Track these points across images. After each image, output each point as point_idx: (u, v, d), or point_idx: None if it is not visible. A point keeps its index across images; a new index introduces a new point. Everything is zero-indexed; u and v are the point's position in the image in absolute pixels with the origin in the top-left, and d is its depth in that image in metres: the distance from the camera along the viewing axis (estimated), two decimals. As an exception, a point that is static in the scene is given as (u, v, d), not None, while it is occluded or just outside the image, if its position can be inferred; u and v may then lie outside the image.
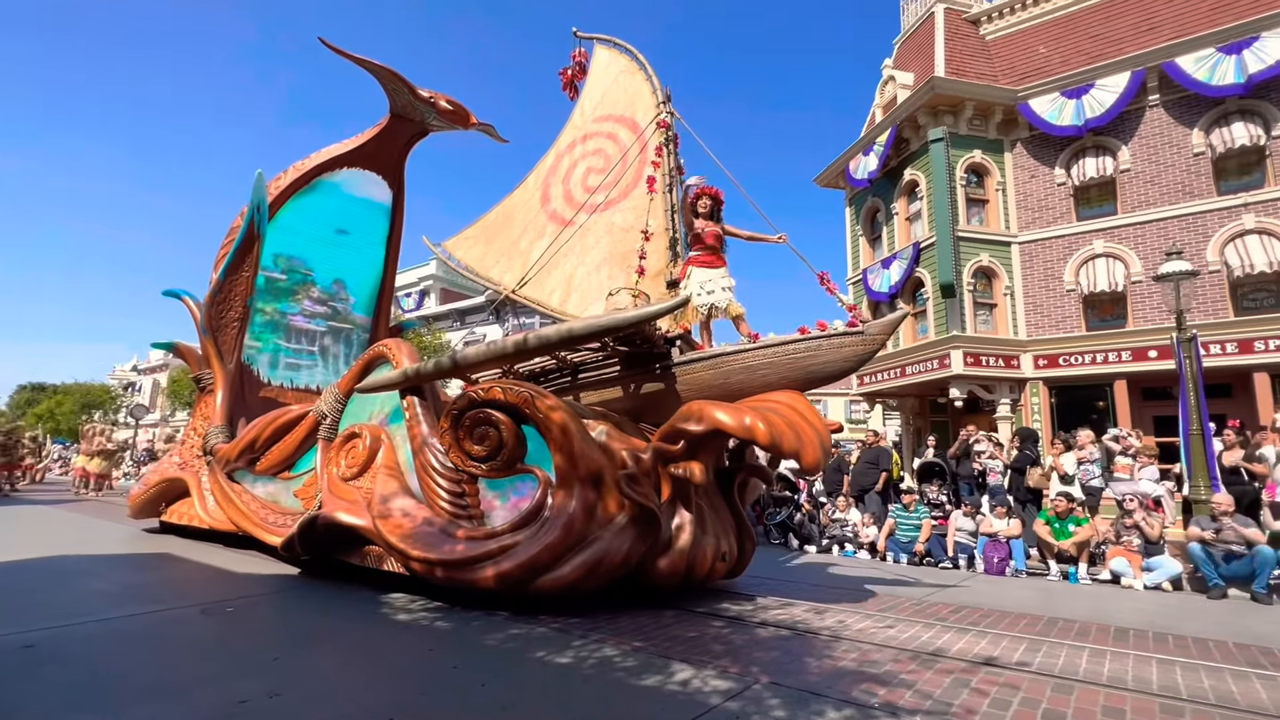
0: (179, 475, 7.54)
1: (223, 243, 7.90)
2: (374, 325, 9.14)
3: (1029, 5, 16.58)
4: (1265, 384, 12.19)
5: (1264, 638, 4.66)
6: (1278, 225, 12.35)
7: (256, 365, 8.23)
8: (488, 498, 4.85)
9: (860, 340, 4.65)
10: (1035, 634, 4.44)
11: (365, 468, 5.45)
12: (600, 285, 6.24)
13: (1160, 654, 4.01)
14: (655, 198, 6.00)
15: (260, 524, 6.23)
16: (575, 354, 5.49)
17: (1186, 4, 14.24)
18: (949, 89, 14.75)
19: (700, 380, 4.99)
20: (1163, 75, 13.50)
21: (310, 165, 8.21)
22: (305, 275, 8.54)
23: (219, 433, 7.34)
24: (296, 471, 6.49)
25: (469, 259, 7.55)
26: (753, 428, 4.19)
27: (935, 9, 16.86)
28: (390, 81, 7.77)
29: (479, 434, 4.73)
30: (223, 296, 7.58)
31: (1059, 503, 8.41)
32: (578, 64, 7.42)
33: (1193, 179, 13.30)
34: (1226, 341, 12.44)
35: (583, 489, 4.40)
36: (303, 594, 5.22)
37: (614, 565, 4.44)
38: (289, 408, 7.01)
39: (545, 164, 7.35)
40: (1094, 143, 14.36)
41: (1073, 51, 15.25)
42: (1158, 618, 5.36)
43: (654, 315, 4.63)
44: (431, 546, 4.60)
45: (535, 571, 4.32)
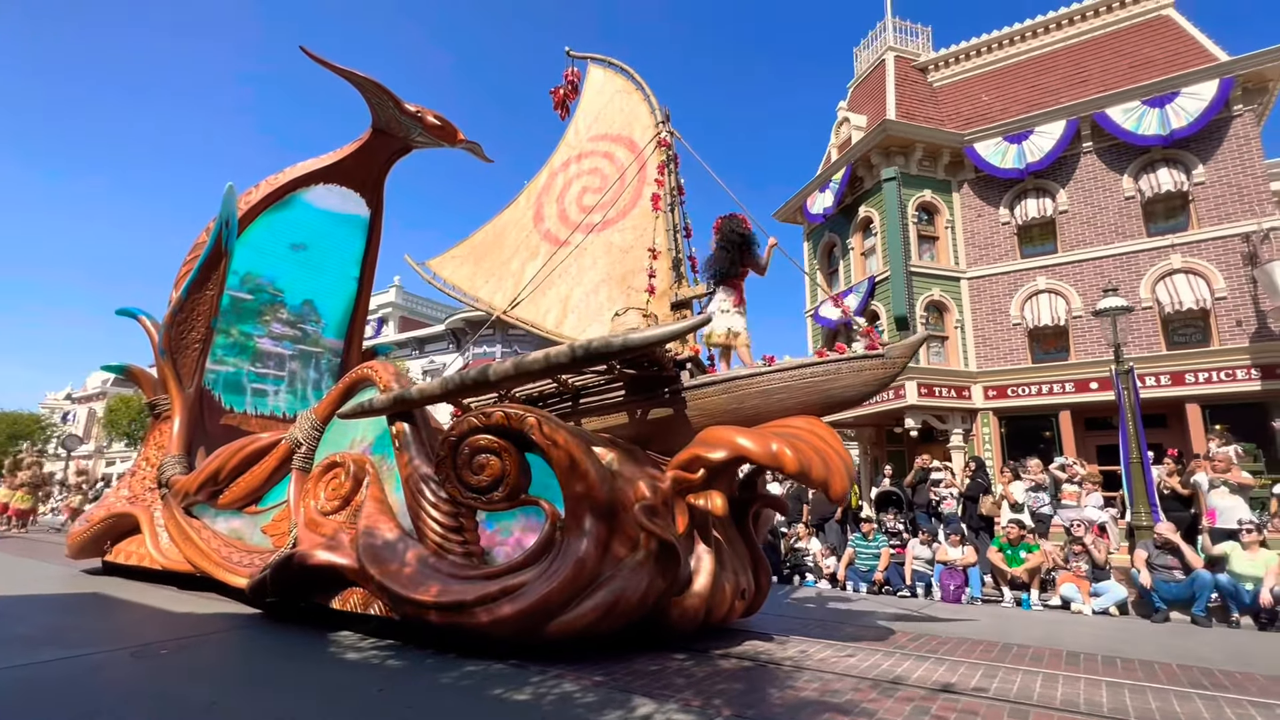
0: (128, 510, 6.85)
1: (185, 259, 7.34)
2: (346, 349, 8.62)
3: (972, 56, 17.57)
4: (1196, 414, 12.81)
5: (1205, 659, 4.80)
6: (1202, 265, 13.15)
7: (218, 390, 7.61)
8: (488, 533, 4.46)
9: (881, 364, 4.47)
10: (991, 660, 4.49)
11: (348, 501, 4.97)
12: (599, 306, 5.99)
13: (1110, 677, 4.09)
14: (660, 216, 5.84)
15: (222, 563, 5.64)
16: (577, 378, 5.19)
17: (1113, 60, 15.28)
18: (900, 131, 15.39)
19: (712, 405, 4.72)
20: (1094, 124, 14.35)
21: (284, 180, 7.73)
22: (274, 295, 7.98)
23: (176, 463, 6.71)
24: (265, 505, 5.95)
25: (456, 279, 7.16)
26: (779, 455, 3.92)
27: (886, 56, 17.68)
28: (374, 94, 7.36)
29: (479, 463, 4.28)
30: (184, 316, 7.00)
31: (1011, 530, 8.59)
32: (570, 83, 7.26)
33: (1125, 221, 14.10)
34: (1160, 374, 13.07)
35: (596, 522, 3.99)
36: (247, 635, 4.79)
37: (631, 606, 4.01)
38: (257, 436, 6.43)
39: (538, 182, 7.13)
40: (1034, 185, 15.11)
41: (1012, 100, 16.15)
42: (1106, 642, 5.48)
43: (680, 333, 4.35)
44: (427, 588, 4.13)
45: (547, 614, 3.88)
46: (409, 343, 27.93)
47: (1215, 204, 13.25)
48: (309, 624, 4.96)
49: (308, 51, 6.86)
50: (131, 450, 35.23)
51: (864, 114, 17.15)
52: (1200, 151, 13.49)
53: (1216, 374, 12.72)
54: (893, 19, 18.13)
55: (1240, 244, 12.81)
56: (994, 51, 17.24)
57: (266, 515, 5.83)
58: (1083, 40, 16.09)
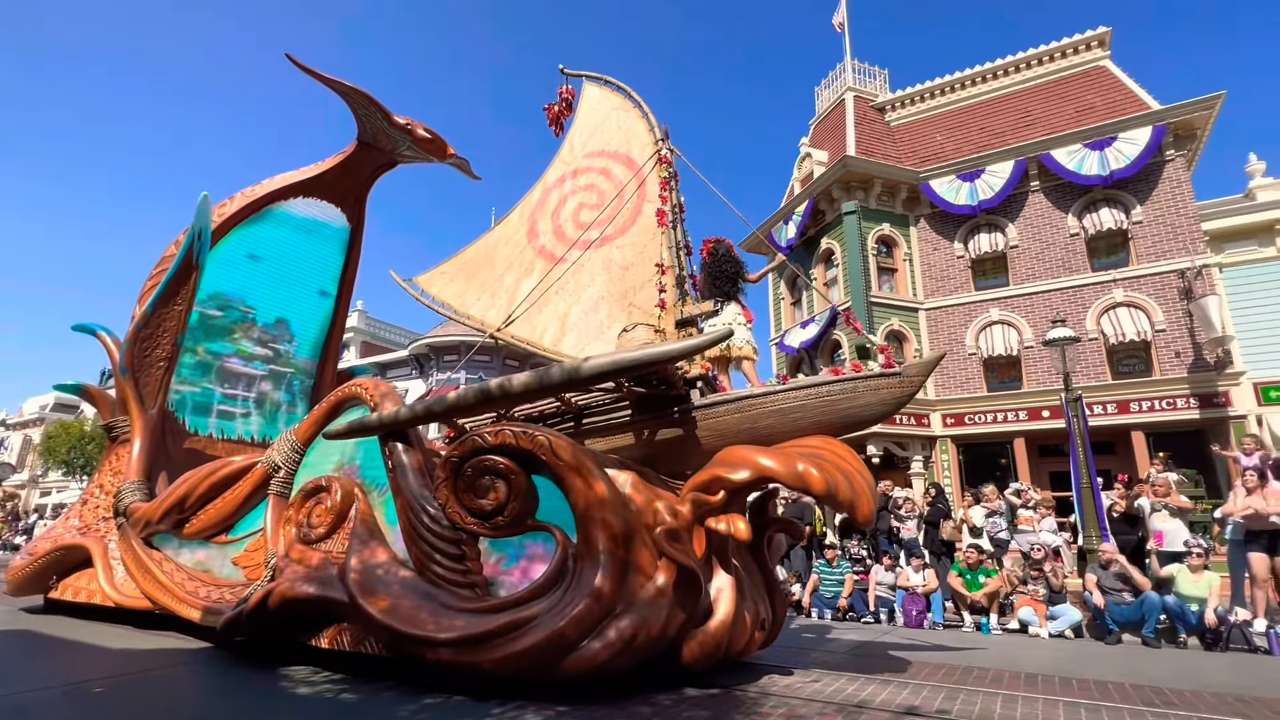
0: (78, 542, 6.20)
1: (150, 274, 6.84)
2: (320, 370, 8.15)
3: (926, 98, 18.35)
4: (1141, 441, 13.31)
5: (1155, 679, 4.92)
6: (1142, 299, 13.82)
7: (182, 412, 7.03)
8: (492, 561, 4.11)
9: (899, 382, 4.33)
10: (953, 683, 4.51)
11: (335, 528, 4.55)
12: (598, 324, 5.79)
13: (1066, 697, 4.15)
14: (665, 232, 5.72)
15: (186, 599, 5.08)
16: (581, 396, 4.95)
17: (1057, 105, 16.13)
18: (859, 167, 15.90)
19: (724, 425, 4.46)
20: (1041, 165, 15.05)
21: (261, 193, 7.28)
22: (245, 313, 7.47)
23: (135, 489, 6.11)
24: (237, 534, 5.46)
25: (446, 296, 6.81)
26: (805, 475, 3.67)
27: (846, 96, 18.34)
28: (362, 105, 6.97)
29: (482, 485, 3.96)
30: (149, 332, 6.43)
31: (970, 554, 8.76)
32: (564, 100, 7.14)
33: (1070, 256, 14.76)
34: (1107, 402, 13.58)
35: (611, 549, 3.67)
36: (192, 671, 4.39)
37: (650, 640, 3.67)
38: (228, 459, 5.92)
39: (532, 198, 6.93)
40: (986, 221, 15.74)
41: (965, 140, 16.88)
42: (1062, 663, 5.58)
43: (708, 344, 4.15)
44: (427, 622, 3.75)
45: (561, 650, 3.55)
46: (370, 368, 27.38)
47: (1152, 242, 13.99)
48: (260, 659, 4.68)
49: (294, 60, 6.52)
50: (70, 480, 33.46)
51: (825, 150, 17.70)
52: (1137, 192, 14.27)
53: (1158, 403, 13.27)
54: (852, 61, 18.85)
55: (1176, 280, 13.51)
56: (947, 94, 18.05)
57: (238, 545, 5.36)
58: (1029, 86, 16.98)
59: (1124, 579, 7.61)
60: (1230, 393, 12.75)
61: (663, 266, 5.53)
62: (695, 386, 4.73)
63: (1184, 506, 8.62)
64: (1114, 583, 7.64)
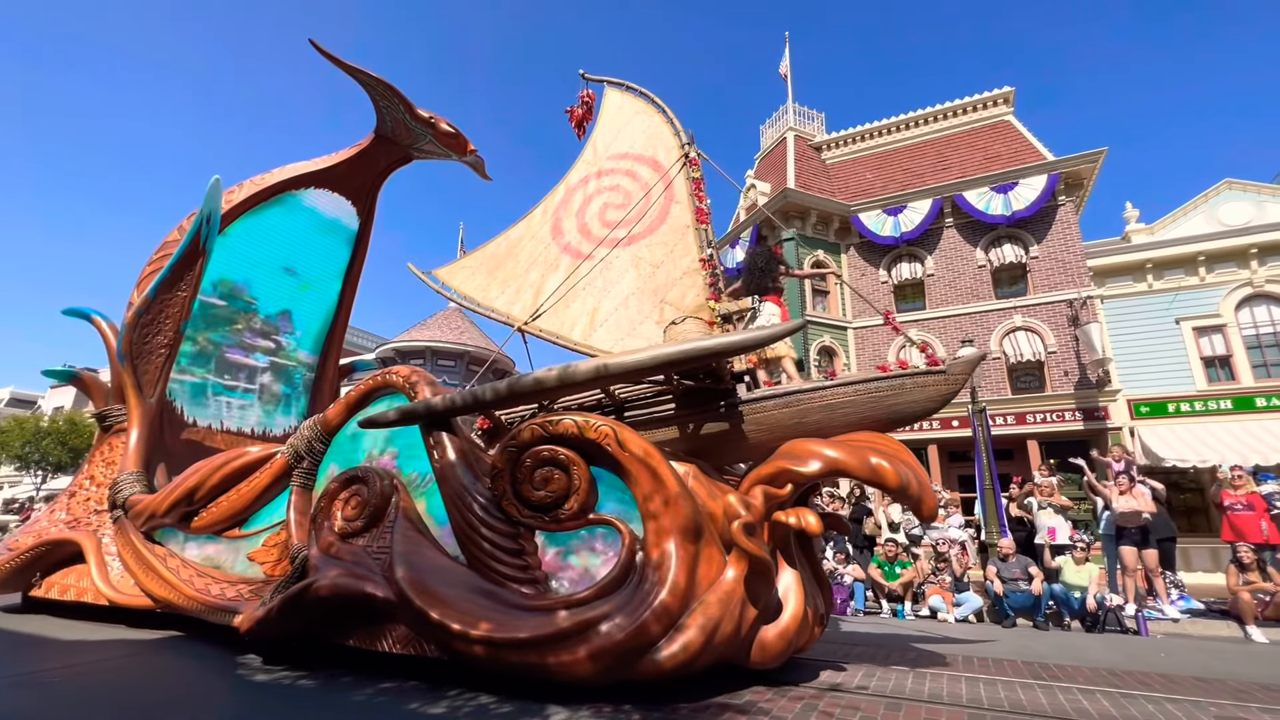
0: (68, 537, 5.53)
1: (151, 259, 6.25)
2: (321, 365, 7.60)
3: (858, 140, 19.11)
4: (1035, 449, 14.11)
5: (1043, 656, 5.24)
6: (1037, 324, 14.69)
7: (180, 402, 6.38)
8: (548, 556, 3.66)
9: (944, 379, 4.15)
10: (872, 663, 4.68)
11: (375, 521, 4.04)
12: (630, 319, 5.51)
13: (968, 673, 4.34)
14: (704, 229, 5.54)
15: (196, 596, 4.52)
16: (626, 389, 4.64)
17: (969, 152, 17.09)
18: (798, 199, 16.40)
19: (772, 420, 4.24)
20: (954, 204, 15.89)
21: (271, 181, 6.72)
22: (248, 303, 6.89)
23: (134, 481, 5.47)
24: (252, 528, 4.91)
25: (468, 289, 6.46)
26: (879, 469, 3.44)
27: (787, 135, 18.93)
28: (385, 96, 6.53)
29: (541, 476, 3.61)
30: (150, 318, 5.80)
31: (888, 548, 9.07)
32: (585, 104, 6.95)
33: (978, 285, 15.58)
34: (1007, 414, 14.35)
35: (682, 544, 3.35)
36: (149, 660, 4.08)
37: (726, 637, 3.31)
38: (243, 449, 5.34)
39: (555, 197, 6.68)
40: (907, 251, 16.48)
41: (890, 179, 17.66)
42: (966, 644, 5.85)
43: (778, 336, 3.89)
44: (492, 622, 3.33)
45: (637, 651, 3.17)
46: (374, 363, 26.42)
47: (1046, 275, 14.90)
48: (219, 647, 4.46)
49: (317, 45, 6.01)
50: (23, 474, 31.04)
51: (768, 182, 18.18)
52: (1035, 231, 15.21)
53: (1050, 415, 14.10)
54: (793, 104, 19.51)
55: (1066, 308, 14.42)
56: (876, 138, 18.85)
57: (254, 540, 4.83)
58: (945, 134, 17.92)
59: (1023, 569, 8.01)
60: (1109, 407, 13.66)
61: (706, 261, 5.31)
62: (742, 381, 4.49)
63: (1065, 505, 9.18)
64: (1011, 572, 8.04)
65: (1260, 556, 7.50)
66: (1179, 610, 7.67)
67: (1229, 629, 7.19)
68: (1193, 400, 13.55)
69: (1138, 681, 4.25)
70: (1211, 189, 14.79)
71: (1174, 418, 13.55)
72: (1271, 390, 13.08)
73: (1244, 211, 14.28)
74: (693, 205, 5.66)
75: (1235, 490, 8.31)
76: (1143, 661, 5.17)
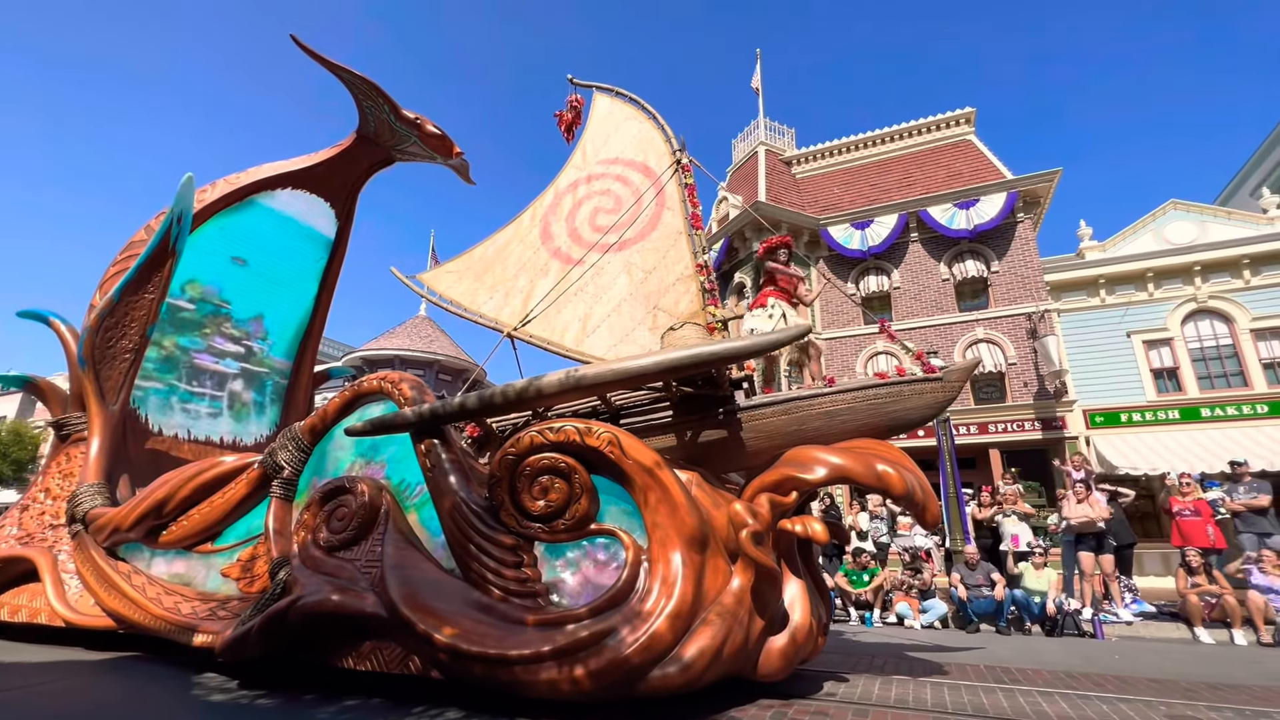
0: (19, 553, 5.20)
1: (115, 260, 5.94)
2: (295, 372, 7.31)
3: (827, 155, 19.54)
4: (997, 458, 14.49)
5: (1005, 660, 5.36)
6: (998, 336, 15.15)
7: (144, 409, 6.06)
8: (549, 568, 3.50)
9: (941, 387, 4.13)
10: (841, 669, 4.72)
11: (364, 533, 3.83)
12: (623, 325, 5.44)
13: (933, 678, 4.41)
14: (697, 235, 5.50)
15: (163, 615, 4.27)
16: (621, 396, 4.54)
17: (933, 169, 17.61)
18: (768, 212, 16.63)
19: (771, 427, 4.18)
20: (919, 219, 16.33)
21: (246, 181, 6.45)
22: (219, 307, 6.59)
23: (95, 493, 5.16)
24: (224, 543, 4.66)
25: (454, 294, 6.29)
26: (885, 476, 3.38)
27: (758, 150, 19.25)
28: (369, 95, 6.28)
29: (541, 485, 3.47)
30: (114, 321, 5.48)
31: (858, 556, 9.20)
32: (574, 109, 6.89)
33: (942, 298, 16.02)
34: (970, 424, 14.73)
35: (687, 554, 3.24)
36: (95, 683, 3.85)
37: (735, 650, 3.21)
38: (217, 459, 5.06)
39: (544, 202, 6.57)
40: (875, 264, 16.86)
41: (858, 194, 18.08)
42: (931, 651, 5.95)
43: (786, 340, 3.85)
44: (493, 639, 3.16)
45: (645, 666, 3.04)
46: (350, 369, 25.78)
47: (1006, 289, 15.39)
48: (177, 667, 4.25)
49: (298, 41, 5.78)
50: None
51: (739, 195, 18.44)
52: (995, 247, 15.72)
53: (1011, 425, 14.52)
54: (764, 119, 19.87)
55: (1025, 321, 14.91)
56: (844, 154, 19.30)
57: (228, 554, 4.59)
58: (911, 152, 18.45)
59: (985, 575, 8.19)
60: (1065, 417, 14.13)
61: (702, 267, 5.27)
62: (741, 388, 4.40)
63: (1027, 513, 9.44)
64: (975, 579, 8.21)
65: (1207, 560, 7.82)
66: (1132, 613, 7.94)
67: (1179, 630, 7.47)
68: (1143, 410, 14.11)
69: (1093, 683, 4.38)
70: (1159, 209, 15.51)
71: (1126, 427, 14.09)
72: (1215, 401, 13.70)
73: (1188, 231, 15.01)
74: (685, 211, 5.65)
75: (1183, 497, 8.67)
76: (1099, 664, 5.33)
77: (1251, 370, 13.65)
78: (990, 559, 8.97)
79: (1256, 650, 6.53)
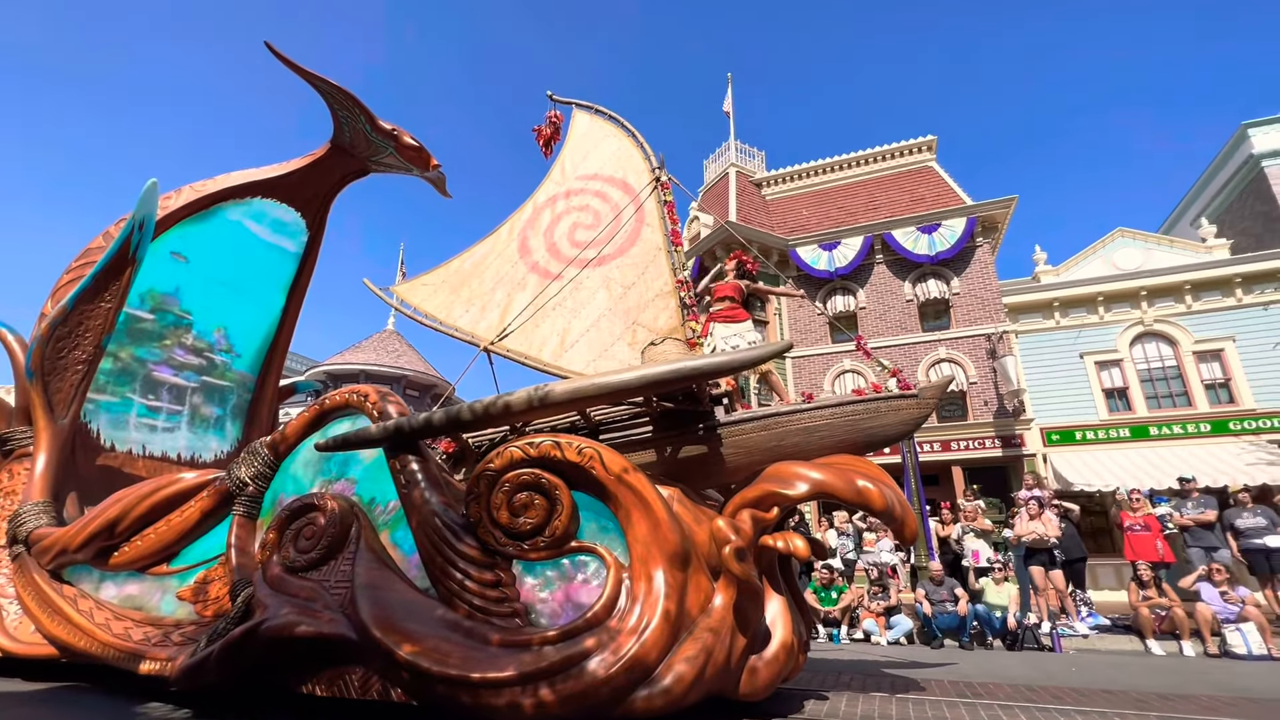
0: None
1: (70, 267, 5.70)
2: (260, 385, 7.05)
3: (796, 178, 20.00)
4: (959, 475, 14.85)
5: (969, 675, 5.46)
6: (960, 356, 15.60)
7: (95, 424, 5.80)
8: (527, 587, 3.39)
9: (916, 404, 4.15)
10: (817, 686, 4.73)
11: (333, 553, 3.69)
12: (602, 341, 5.39)
13: (899, 694, 4.47)
14: (677, 252, 5.50)
15: (112, 642, 4.03)
16: (601, 411, 4.49)
17: (897, 194, 18.16)
18: (739, 232, 16.91)
19: (751, 443, 4.16)
20: (884, 242, 16.78)
21: (213, 189, 6.23)
22: (180, 318, 6.33)
23: (40, 512, 4.88)
24: (181, 564, 4.43)
25: (429, 307, 6.19)
26: (865, 492, 3.38)
27: (729, 171, 19.60)
28: (344, 105, 6.15)
29: (520, 502, 3.39)
30: (67, 331, 5.27)
31: (824, 573, 9.27)
32: (553, 125, 6.88)
33: (906, 318, 16.44)
34: (933, 442, 15.06)
35: (669, 572, 3.18)
36: (26, 714, 3.70)
37: (718, 669, 3.14)
38: (179, 476, 4.79)
39: (522, 216, 6.51)
40: (842, 285, 17.24)
41: (825, 216, 18.53)
42: (902, 666, 6.01)
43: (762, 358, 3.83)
44: (469, 661, 3.03)
45: (630, 685, 2.97)
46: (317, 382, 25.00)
47: (967, 310, 15.89)
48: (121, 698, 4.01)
49: (273, 49, 5.62)
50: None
51: (711, 214, 18.74)
52: (956, 270, 16.24)
53: (972, 443, 14.90)
54: (735, 142, 20.28)
55: (985, 342, 15.39)
56: (812, 177, 19.79)
57: (184, 576, 4.37)
58: (876, 177, 19.02)
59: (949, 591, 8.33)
60: (1024, 435, 14.57)
61: (683, 283, 5.28)
62: (721, 403, 4.39)
63: (986, 529, 9.67)
64: (939, 594, 8.35)
65: (1157, 574, 8.11)
66: (1088, 627, 8.16)
67: (1131, 643, 7.70)
68: (1096, 429, 14.63)
69: (1051, 696, 4.48)
70: (1108, 235, 16.25)
71: (1081, 445, 14.58)
72: (1162, 420, 14.30)
73: (1135, 257, 15.75)
74: (665, 228, 5.68)
75: (1134, 512, 8.99)
76: (1057, 677, 5.46)
77: (1195, 391, 14.30)
78: (952, 574, 9.14)
79: (1204, 661, 6.77)
